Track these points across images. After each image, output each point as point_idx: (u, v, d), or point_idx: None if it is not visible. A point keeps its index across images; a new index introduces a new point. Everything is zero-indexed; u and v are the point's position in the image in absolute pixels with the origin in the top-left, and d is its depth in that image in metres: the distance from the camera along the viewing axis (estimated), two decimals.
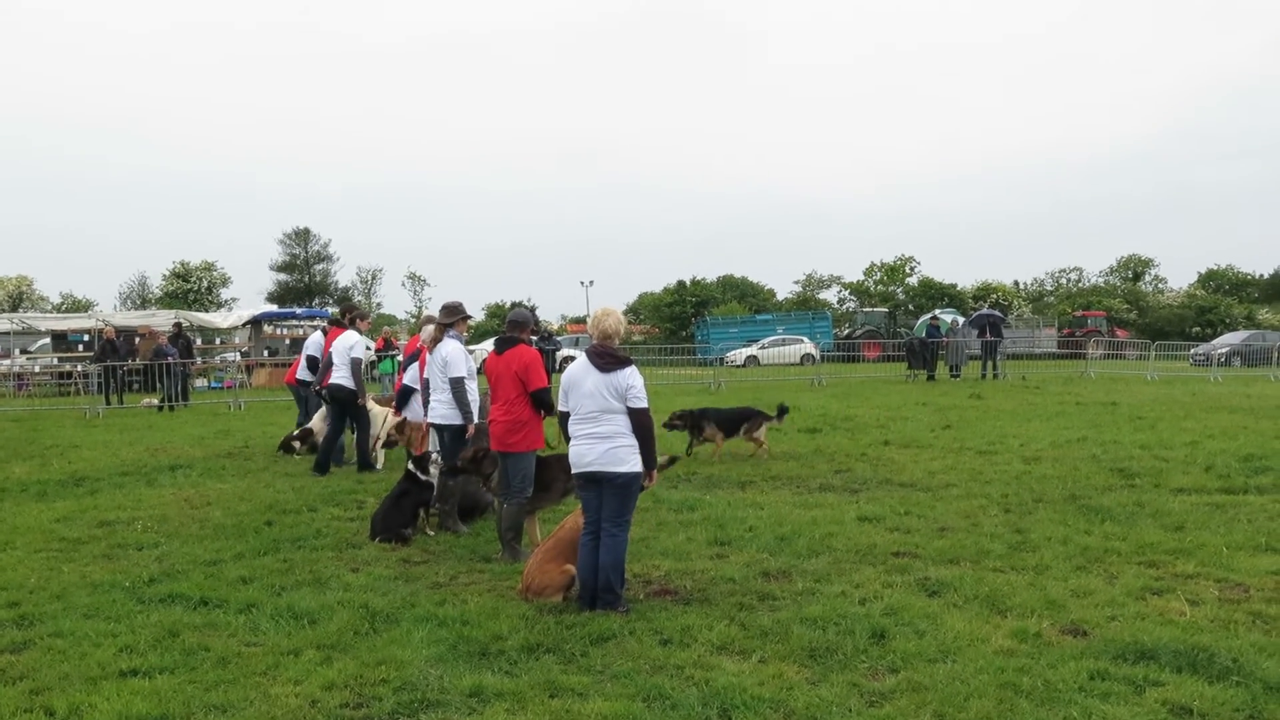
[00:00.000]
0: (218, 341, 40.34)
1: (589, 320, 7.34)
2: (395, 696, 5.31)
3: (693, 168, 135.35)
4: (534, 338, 8.75)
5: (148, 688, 5.43)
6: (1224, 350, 39.48)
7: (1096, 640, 6.00)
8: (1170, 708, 5.01)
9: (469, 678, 5.52)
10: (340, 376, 13.01)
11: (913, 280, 71.61)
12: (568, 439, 7.09)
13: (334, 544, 8.97)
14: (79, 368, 29.67)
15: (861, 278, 75.31)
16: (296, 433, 15.21)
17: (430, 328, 10.39)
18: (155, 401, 24.81)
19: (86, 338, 34.19)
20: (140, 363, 26.90)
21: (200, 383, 31.47)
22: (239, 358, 35.86)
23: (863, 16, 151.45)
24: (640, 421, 6.83)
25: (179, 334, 28.38)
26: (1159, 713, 4.96)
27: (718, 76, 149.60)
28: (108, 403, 25.10)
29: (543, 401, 8.21)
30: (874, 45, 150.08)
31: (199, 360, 31.36)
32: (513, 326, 8.48)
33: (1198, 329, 61.07)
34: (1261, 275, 79.62)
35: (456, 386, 9.51)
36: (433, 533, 9.44)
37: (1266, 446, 13.73)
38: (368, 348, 14.90)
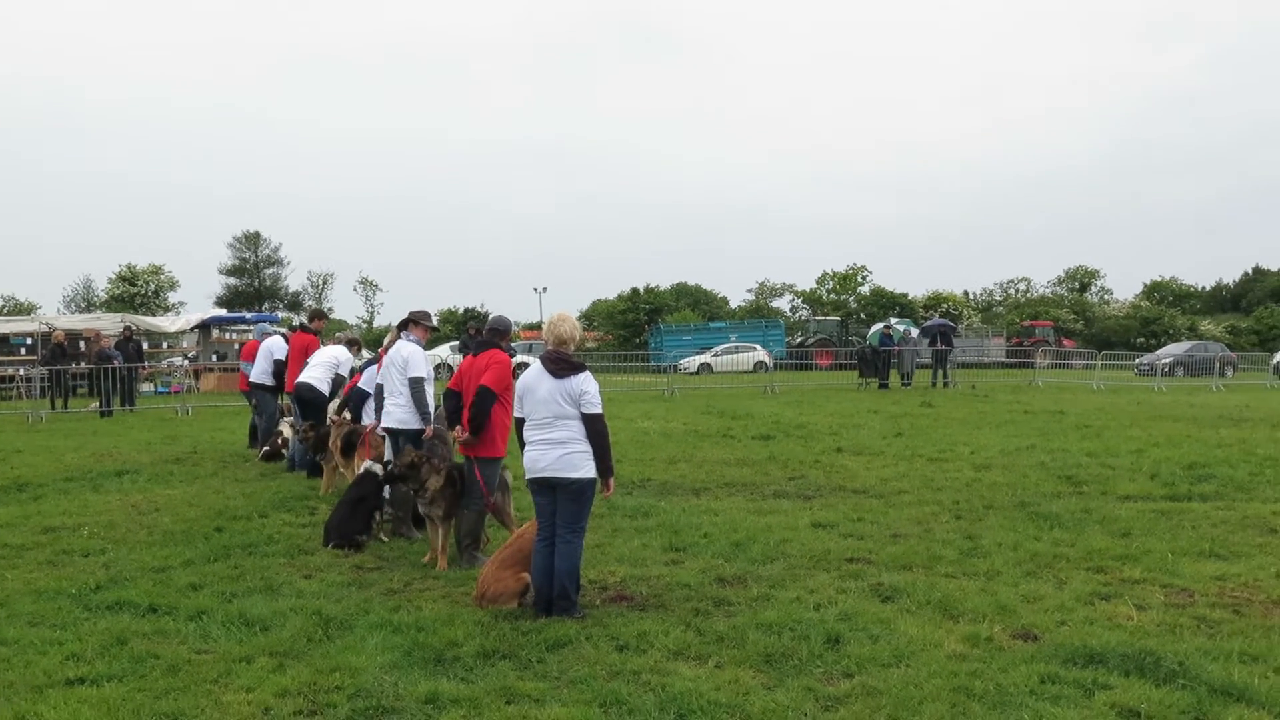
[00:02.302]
0: (165, 346, 39.75)
1: (544, 326, 7.32)
2: (350, 704, 5.26)
3: (647, 175, 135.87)
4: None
5: (95, 696, 5.33)
6: (1168, 360, 40.26)
7: (1047, 644, 6.08)
8: (1119, 710, 5.09)
9: (424, 684, 5.49)
10: (312, 377, 12.93)
11: (864, 289, 72.23)
12: (523, 445, 7.07)
13: (286, 550, 8.86)
14: (21, 371, 29.06)
15: (814, 286, 75.89)
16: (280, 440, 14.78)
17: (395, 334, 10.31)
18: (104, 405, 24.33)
19: (30, 341, 33.51)
20: (85, 366, 26.41)
21: (146, 387, 30.95)
22: (186, 362, 35.35)
23: (816, 27, 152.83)
24: (595, 428, 6.81)
25: (128, 338, 27.89)
26: (1108, 715, 5.03)
27: (672, 86, 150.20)
28: (53, 407, 24.63)
29: (482, 397, 8.00)
30: (827, 54, 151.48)
31: (146, 365, 30.83)
32: (492, 332, 8.47)
33: (1142, 339, 62.19)
34: (1203, 287, 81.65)
35: (416, 387, 9.37)
36: (386, 539, 9.36)
37: (1209, 455, 14.01)
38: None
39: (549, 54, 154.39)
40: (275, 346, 14.94)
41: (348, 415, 12.28)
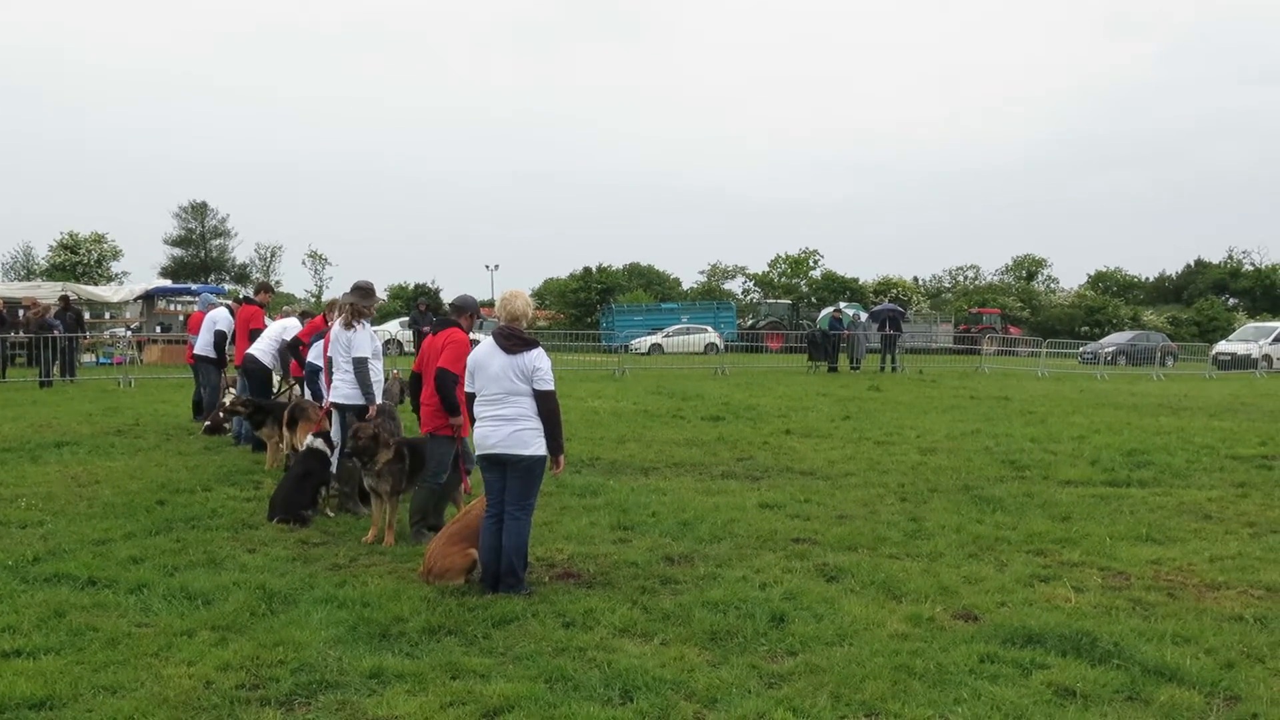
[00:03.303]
0: (107, 316, 38.98)
1: (497, 302, 7.28)
2: (293, 678, 5.23)
3: (602, 154, 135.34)
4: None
5: (32, 668, 5.25)
6: (1110, 349, 40.96)
7: (987, 625, 6.19)
8: (1055, 689, 5.20)
9: (369, 659, 5.47)
10: (259, 350, 12.79)
11: (816, 273, 72.55)
12: (473, 421, 7.04)
13: (230, 524, 8.76)
14: None
15: (766, 269, 76.11)
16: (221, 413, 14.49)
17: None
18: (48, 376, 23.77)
19: None
20: (24, 335, 25.83)
21: (88, 358, 30.35)
22: (129, 333, 34.69)
23: (773, 11, 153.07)
24: (547, 405, 6.80)
25: (66, 307, 27.28)
26: (1044, 694, 5.14)
27: (629, 65, 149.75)
28: None
29: (442, 380, 7.95)
30: (784, 37, 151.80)
31: (87, 335, 30.19)
32: (454, 310, 8.44)
33: (1086, 328, 63.07)
34: (1147, 278, 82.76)
35: (359, 367, 9.34)
36: (332, 514, 9.29)
37: (1148, 442, 14.29)
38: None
39: (507, 29, 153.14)
40: (219, 318, 14.73)
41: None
